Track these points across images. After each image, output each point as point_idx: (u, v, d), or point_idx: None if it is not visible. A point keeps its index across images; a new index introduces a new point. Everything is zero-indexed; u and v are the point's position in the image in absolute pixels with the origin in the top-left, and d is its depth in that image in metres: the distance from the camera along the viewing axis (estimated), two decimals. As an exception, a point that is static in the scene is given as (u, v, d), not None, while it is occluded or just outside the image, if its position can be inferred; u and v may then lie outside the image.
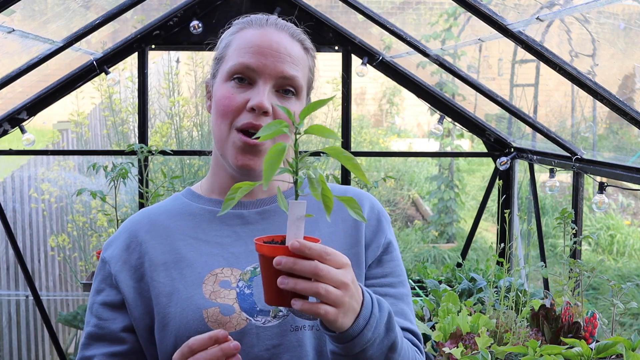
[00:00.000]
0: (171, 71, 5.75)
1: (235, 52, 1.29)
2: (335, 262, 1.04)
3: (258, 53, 1.27)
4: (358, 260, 1.31)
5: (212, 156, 1.38)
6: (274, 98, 1.28)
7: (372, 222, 1.36)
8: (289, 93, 1.29)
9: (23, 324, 4.95)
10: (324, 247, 1.03)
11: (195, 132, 5.77)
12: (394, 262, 1.36)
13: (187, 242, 1.30)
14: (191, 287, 1.25)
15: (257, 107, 1.24)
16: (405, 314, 1.33)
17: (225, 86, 1.29)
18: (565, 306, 2.63)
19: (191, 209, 1.35)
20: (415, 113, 10.95)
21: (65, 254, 5.28)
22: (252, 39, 1.29)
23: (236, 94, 1.27)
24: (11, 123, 3.84)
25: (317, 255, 1.02)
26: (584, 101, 3.48)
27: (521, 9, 2.72)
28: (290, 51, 1.29)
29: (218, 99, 1.29)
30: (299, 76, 1.29)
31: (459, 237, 7.92)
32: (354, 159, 1.04)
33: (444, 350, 2.45)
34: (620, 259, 7.41)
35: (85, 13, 3.36)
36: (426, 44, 3.61)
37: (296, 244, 1.01)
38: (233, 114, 1.27)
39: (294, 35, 1.32)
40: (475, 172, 10.21)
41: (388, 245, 1.35)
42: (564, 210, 2.89)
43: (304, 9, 3.85)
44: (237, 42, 1.30)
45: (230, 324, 1.22)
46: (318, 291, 1.01)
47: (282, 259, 1.00)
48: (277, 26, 1.31)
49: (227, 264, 1.28)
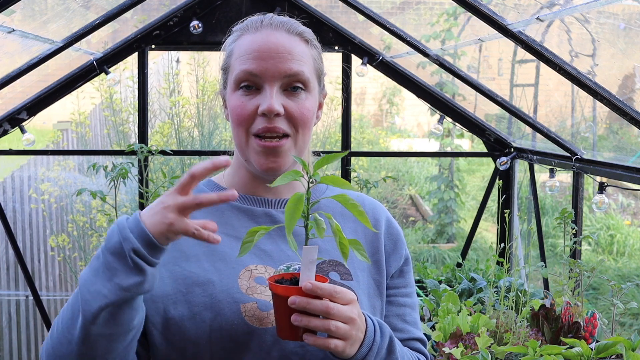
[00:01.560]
0: (171, 71, 5.75)
1: (237, 61, 1.30)
2: (344, 299, 1.14)
3: (258, 58, 1.28)
4: (379, 268, 1.39)
5: (234, 157, 1.40)
6: (283, 97, 1.29)
7: (393, 231, 1.43)
8: (297, 89, 1.30)
9: (23, 324, 4.96)
10: (334, 286, 1.13)
11: (196, 132, 5.77)
12: (410, 273, 1.46)
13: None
14: (227, 280, 1.26)
15: (268, 111, 1.26)
16: (417, 323, 1.44)
17: (235, 96, 1.31)
18: (565, 306, 2.63)
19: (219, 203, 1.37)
20: (415, 113, 10.95)
21: (65, 254, 5.28)
22: (250, 45, 1.30)
23: (246, 102, 1.29)
24: (11, 123, 3.84)
25: (327, 295, 1.12)
26: (584, 101, 3.49)
27: (521, 9, 2.72)
28: (289, 48, 1.29)
29: (231, 109, 1.32)
30: (303, 70, 1.30)
31: (459, 237, 7.92)
32: (359, 205, 1.15)
33: (444, 350, 2.45)
34: (620, 259, 7.41)
35: (85, 13, 3.36)
36: (426, 44, 3.61)
37: (309, 286, 1.11)
38: (247, 122, 1.29)
39: (291, 31, 1.32)
40: (475, 172, 10.21)
41: (408, 257, 1.45)
42: (564, 210, 2.89)
43: (303, 9, 3.85)
44: (237, 50, 1.32)
45: (268, 319, 1.24)
46: (329, 328, 1.12)
47: (296, 299, 1.10)
48: (272, 26, 1.31)
49: (260, 260, 1.30)
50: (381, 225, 1.42)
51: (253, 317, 1.24)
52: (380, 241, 1.40)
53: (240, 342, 1.23)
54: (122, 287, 1.10)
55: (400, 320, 1.40)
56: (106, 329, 1.13)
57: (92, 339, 1.13)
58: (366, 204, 1.44)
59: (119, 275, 1.10)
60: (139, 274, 1.11)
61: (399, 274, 1.42)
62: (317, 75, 1.35)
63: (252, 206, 1.36)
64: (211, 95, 5.76)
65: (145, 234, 1.10)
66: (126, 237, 1.11)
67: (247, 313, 1.24)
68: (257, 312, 1.25)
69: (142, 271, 1.11)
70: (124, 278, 1.10)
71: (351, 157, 4.26)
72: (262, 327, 1.24)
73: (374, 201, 1.46)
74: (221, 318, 1.24)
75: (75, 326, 1.14)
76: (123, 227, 1.12)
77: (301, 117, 1.29)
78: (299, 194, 1.12)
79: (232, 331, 1.23)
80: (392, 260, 1.40)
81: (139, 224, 1.11)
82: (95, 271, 1.13)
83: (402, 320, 1.40)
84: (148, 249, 1.11)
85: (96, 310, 1.11)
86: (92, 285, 1.12)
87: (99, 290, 1.11)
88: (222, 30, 3.87)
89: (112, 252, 1.12)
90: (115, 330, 1.14)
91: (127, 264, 1.10)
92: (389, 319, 1.39)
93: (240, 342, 1.24)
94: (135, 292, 1.11)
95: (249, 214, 1.35)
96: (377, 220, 1.42)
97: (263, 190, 1.37)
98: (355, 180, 3.92)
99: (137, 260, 1.10)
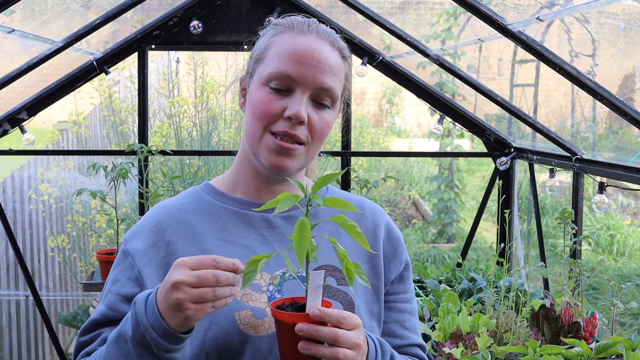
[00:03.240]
0: (170, 71, 5.75)
1: (275, 58, 1.28)
2: (350, 325, 1.13)
3: (298, 62, 1.27)
4: (377, 273, 1.38)
5: (239, 152, 1.38)
6: (310, 108, 1.28)
7: (393, 236, 1.42)
8: (324, 104, 1.30)
9: (23, 324, 4.95)
10: (341, 312, 1.12)
11: (195, 132, 5.76)
12: (410, 279, 1.44)
13: (214, 244, 1.30)
14: None
15: (295, 117, 1.25)
16: (417, 329, 1.43)
17: (262, 90, 1.29)
18: (565, 306, 2.63)
19: (215, 208, 1.35)
20: (415, 113, 10.95)
21: (65, 255, 5.28)
22: (293, 47, 1.28)
23: (274, 100, 1.27)
24: (11, 123, 3.84)
25: (335, 321, 1.11)
26: (584, 101, 3.48)
27: (521, 9, 2.72)
28: (330, 61, 1.29)
29: (254, 102, 1.29)
30: (336, 87, 1.30)
31: (459, 237, 7.92)
32: (357, 226, 1.14)
33: (444, 350, 2.45)
34: (620, 259, 7.41)
35: (85, 13, 3.36)
36: (426, 44, 3.61)
37: (317, 312, 1.09)
38: (269, 119, 1.28)
39: (334, 44, 1.32)
40: (475, 172, 10.21)
41: (408, 262, 1.43)
42: (564, 210, 2.89)
43: (304, 9, 3.85)
44: (278, 46, 1.29)
45: (263, 327, 1.24)
46: (338, 357, 1.11)
47: (304, 327, 1.09)
48: (318, 34, 1.30)
49: None
50: (380, 230, 1.41)
51: (248, 324, 1.24)
52: (379, 246, 1.39)
53: (235, 349, 1.23)
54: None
55: (399, 326, 1.39)
56: None
57: None
58: (366, 208, 1.43)
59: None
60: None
61: (399, 280, 1.41)
62: (343, 93, 1.36)
63: (249, 211, 1.34)
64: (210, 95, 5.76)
65: (169, 332, 1.11)
66: (153, 339, 1.12)
67: (242, 321, 1.24)
68: (252, 320, 1.24)
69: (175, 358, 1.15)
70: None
71: (351, 157, 4.26)
72: (257, 334, 1.23)
73: (374, 205, 1.46)
74: (216, 326, 1.23)
75: None
76: (146, 326, 1.12)
77: (320, 131, 1.29)
78: (303, 220, 1.11)
79: (226, 339, 1.23)
80: (393, 266, 1.39)
81: (160, 322, 1.11)
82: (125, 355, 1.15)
83: (401, 327, 1.40)
84: (176, 343, 1.13)
85: None
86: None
87: None
88: (222, 30, 3.87)
89: (140, 345, 1.13)
90: None
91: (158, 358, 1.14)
92: (388, 325, 1.38)
93: (235, 350, 1.23)
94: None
95: (246, 218, 1.34)
96: (376, 225, 1.41)
97: (263, 194, 1.36)
98: (355, 180, 3.92)
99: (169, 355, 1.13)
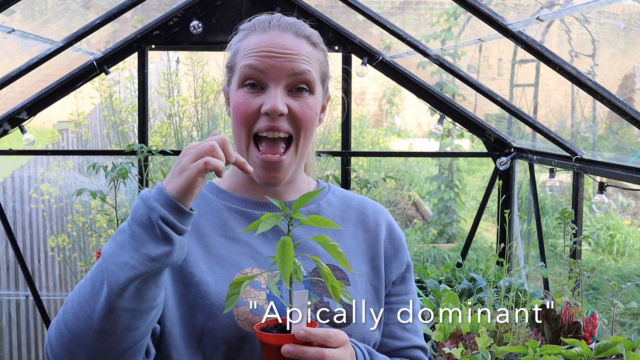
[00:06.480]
0: (170, 71, 5.75)
1: (242, 59, 1.30)
2: (336, 342, 1.13)
3: (264, 56, 1.28)
4: (378, 273, 1.37)
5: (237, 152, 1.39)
6: (288, 98, 1.29)
7: (395, 237, 1.42)
8: (301, 90, 1.30)
9: (23, 324, 4.96)
10: (327, 331, 1.12)
11: (195, 132, 5.77)
12: (412, 280, 1.44)
13: (215, 239, 1.31)
14: (221, 283, 1.26)
15: (271, 111, 1.26)
16: (418, 331, 1.43)
17: (239, 93, 1.30)
18: (565, 306, 2.63)
19: (217, 205, 1.36)
20: (415, 113, 10.95)
21: (65, 254, 5.28)
22: (257, 44, 1.29)
23: (250, 99, 1.29)
24: (11, 123, 3.84)
25: (321, 340, 1.11)
26: (584, 101, 3.49)
27: (521, 9, 2.72)
28: (296, 49, 1.29)
29: (234, 106, 1.31)
30: (309, 69, 1.30)
31: (459, 237, 7.92)
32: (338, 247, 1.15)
33: (444, 351, 2.45)
34: (620, 259, 7.41)
35: (85, 13, 3.36)
36: (426, 44, 3.61)
37: (302, 333, 1.10)
38: (250, 120, 1.29)
39: (298, 33, 1.32)
40: (475, 172, 10.21)
41: (409, 263, 1.43)
42: (564, 210, 2.89)
43: (303, 9, 3.85)
44: (244, 48, 1.31)
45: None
46: None
47: (290, 348, 1.10)
48: (280, 27, 1.31)
49: (256, 264, 1.30)
50: (381, 229, 1.41)
51: (245, 320, 1.24)
52: (380, 246, 1.39)
53: (232, 345, 1.23)
54: (151, 257, 1.09)
55: (400, 328, 1.39)
56: (131, 304, 1.11)
57: (116, 313, 1.10)
58: (368, 207, 1.43)
59: (147, 246, 1.09)
60: (168, 243, 1.10)
61: (400, 281, 1.41)
62: (322, 78, 1.35)
63: (250, 209, 1.35)
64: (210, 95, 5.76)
65: (171, 199, 1.10)
66: (152, 207, 1.10)
67: (240, 317, 1.24)
68: (250, 316, 1.24)
69: (171, 240, 1.10)
70: (153, 248, 1.09)
71: (351, 157, 4.26)
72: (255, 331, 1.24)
73: (376, 205, 1.45)
74: (213, 320, 1.23)
75: (98, 299, 1.11)
76: (147, 197, 1.11)
77: (304, 117, 1.29)
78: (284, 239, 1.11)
79: (223, 334, 1.23)
80: (394, 267, 1.39)
81: (163, 191, 1.11)
82: (120, 244, 1.11)
83: (402, 328, 1.39)
84: (176, 215, 1.10)
85: (124, 282, 1.09)
86: (119, 257, 1.10)
87: (127, 262, 1.09)
88: (222, 30, 3.87)
89: (139, 223, 1.10)
90: (139, 306, 1.12)
91: (155, 234, 1.09)
92: (389, 327, 1.38)
93: (232, 346, 1.23)
94: (164, 263, 1.10)
95: (247, 217, 1.35)
96: (377, 225, 1.41)
97: (263, 193, 1.36)
98: (355, 180, 3.92)
99: (166, 228, 1.09)
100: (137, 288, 1.10)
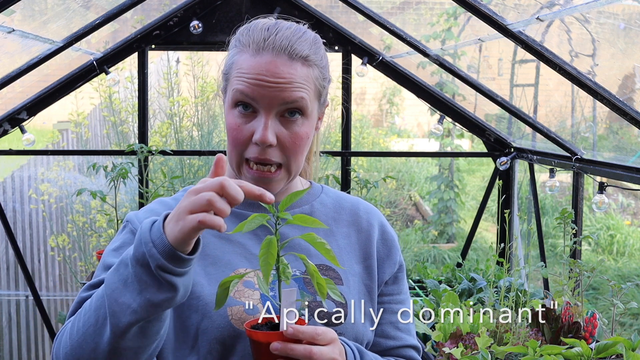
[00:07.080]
0: (170, 71, 5.75)
1: (235, 80, 1.27)
2: (325, 340, 1.14)
3: (255, 84, 1.24)
4: (370, 273, 1.38)
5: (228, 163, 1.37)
6: (279, 126, 1.26)
7: (387, 237, 1.42)
8: (295, 114, 1.27)
9: (23, 324, 4.96)
10: (315, 328, 1.12)
11: (195, 132, 5.77)
12: (404, 280, 1.44)
13: (209, 240, 1.31)
14: (215, 284, 1.24)
15: (261, 142, 1.25)
16: (411, 330, 1.43)
17: (232, 114, 1.28)
18: (565, 306, 2.63)
19: None
20: (415, 113, 10.94)
21: (65, 254, 5.28)
22: (249, 69, 1.26)
23: (242, 125, 1.27)
24: (11, 123, 3.84)
25: (309, 338, 1.12)
26: (584, 101, 3.49)
27: (521, 9, 2.72)
28: (289, 77, 1.25)
29: (228, 126, 1.29)
30: (303, 96, 1.26)
31: (459, 237, 7.92)
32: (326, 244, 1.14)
33: (444, 351, 2.45)
34: (620, 259, 7.41)
35: (85, 13, 3.36)
36: (426, 44, 3.61)
37: (290, 331, 1.10)
38: (242, 146, 1.27)
39: (292, 56, 1.26)
40: (475, 172, 10.21)
41: (402, 263, 1.43)
42: (564, 210, 2.88)
43: (303, 9, 3.85)
44: (237, 66, 1.28)
45: None
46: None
47: (278, 345, 1.10)
48: (274, 49, 1.25)
49: (250, 265, 1.30)
50: (374, 230, 1.41)
51: (239, 320, 1.24)
52: (373, 246, 1.39)
53: (226, 344, 1.24)
54: (153, 303, 1.06)
55: (393, 327, 1.39)
56: (135, 343, 1.11)
57: (120, 352, 1.11)
58: (361, 208, 1.43)
59: (149, 290, 1.06)
60: (170, 289, 1.06)
61: (393, 281, 1.41)
62: (318, 94, 1.31)
63: (245, 210, 1.35)
64: (210, 95, 5.76)
65: (169, 248, 1.05)
66: (151, 254, 1.05)
67: (234, 316, 1.25)
68: (244, 315, 1.25)
69: (174, 286, 1.06)
70: (155, 293, 1.06)
71: (351, 157, 4.26)
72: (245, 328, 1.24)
73: (368, 205, 1.46)
74: (208, 319, 1.24)
75: (102, 335, 1.10)
76: (147, 241, 1.06)
77: (293, 148, 1.27)
78: (270, 238, 1.10)
79: (217, 333, 1.24)
80: (387, 267, 1.39)
81: (162, 237, 1.06)
82: (124, 280, 1.08)
83: (395, 328, 1.40)
84: (174, 263, 1.06)
85: (125, 326, 1.08)
86: (121, 296, 1.07)
87: (129, 304, 1.06)
88: (222, 30, 3.87)
89: (141, 264, 1.07)
90: (143, 343, 1.12)
91: (157, 280, 1.06)
92: (381, 327, 1.38)
93: (226, 345, 1.24)
94: (166, 307, 1.08)
95: (241, 218, 1.33)
96: (370, 225, 1.41)
97: None
98: (355, 180, 3.92)
99: (166, 276, 1.05)
100: (140, 328, 1.10)
